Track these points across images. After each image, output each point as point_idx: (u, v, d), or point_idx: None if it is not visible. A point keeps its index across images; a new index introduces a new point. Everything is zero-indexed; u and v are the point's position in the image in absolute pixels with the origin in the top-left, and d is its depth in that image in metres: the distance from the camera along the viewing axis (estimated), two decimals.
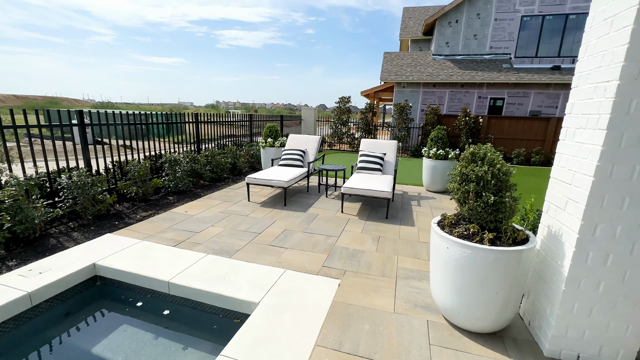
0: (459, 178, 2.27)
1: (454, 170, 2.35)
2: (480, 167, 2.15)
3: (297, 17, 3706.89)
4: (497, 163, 2.13)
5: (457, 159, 6.07)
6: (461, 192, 2.23)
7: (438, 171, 6.08)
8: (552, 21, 13.75)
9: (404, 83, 14.47)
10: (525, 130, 12.21)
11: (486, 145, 2.29)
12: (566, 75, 12.91)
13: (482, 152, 2.23)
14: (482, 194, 2.10)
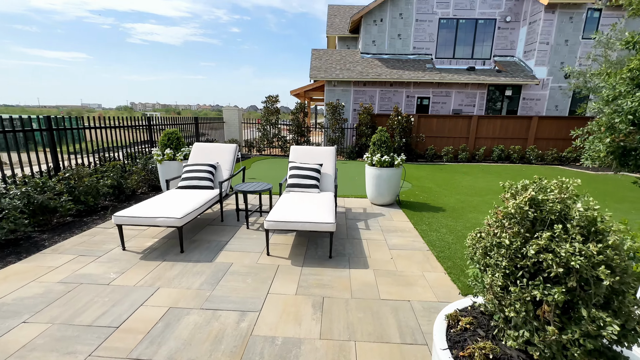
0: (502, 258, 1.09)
1: (473, 240, 1.16)
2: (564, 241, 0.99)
3: (221, 14, 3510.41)
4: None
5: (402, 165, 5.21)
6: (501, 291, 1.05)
7: (384, 181, 5.12)
8: (465, 25, 14.53)
9: (334, 81, 13.68)
10: (451, 128, 12.50)
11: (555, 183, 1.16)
12: (480, 75, 13.71)
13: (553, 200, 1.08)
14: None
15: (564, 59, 13.61)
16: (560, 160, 11.98)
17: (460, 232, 4.11)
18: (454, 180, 8.00)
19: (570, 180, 1.23)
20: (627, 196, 6.56)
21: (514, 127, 12.38)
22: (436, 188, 7.01)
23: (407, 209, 5.19)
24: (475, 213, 5.07)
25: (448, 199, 5.97)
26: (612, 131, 3.14)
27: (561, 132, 12.27)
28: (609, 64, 10.27)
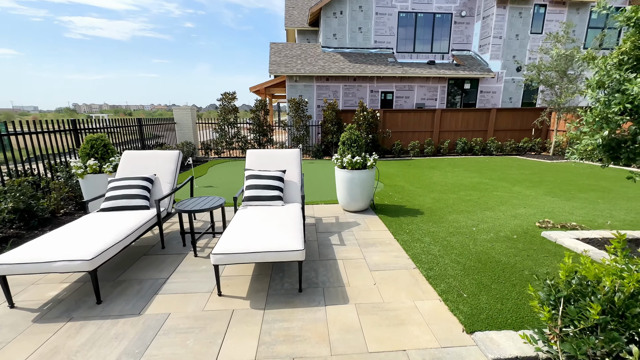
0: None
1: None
2: None
3: (172, 7, 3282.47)
4: None
5: None
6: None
7: (357, 185, 4.55)
8: (424, 19, 14.53)
9: (295, 77, 12.94)
10: (416, 123, 12.40)
11: None
12: (440, 69, 13.79)
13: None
14: None
15: (515, 53, 14.14)
16: (518, 150, 12.41)
17: (445, 241, 3.67)
18: (425, 177, 7.73)
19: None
20: (590, 184, 6.71)
21: (475, 119, 12.59)
22: (409, 186, 6.63)
23: (384, 214, 4.68)
24: (455, 214, 4.70)
25: (423, 199, 5.59)
26: (606, 123, 2.82)
27: (516, 123, 12.72)
28: (557, 56, 10.70)
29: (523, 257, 3.23)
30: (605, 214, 4.69)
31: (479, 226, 4.18)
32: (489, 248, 3.46)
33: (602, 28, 14.45)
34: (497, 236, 3.83)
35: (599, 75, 2.95)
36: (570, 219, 4.48)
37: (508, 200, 5.49)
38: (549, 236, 3.75)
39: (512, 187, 6.58)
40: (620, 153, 3.02)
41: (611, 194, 5.97)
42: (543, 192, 6.06)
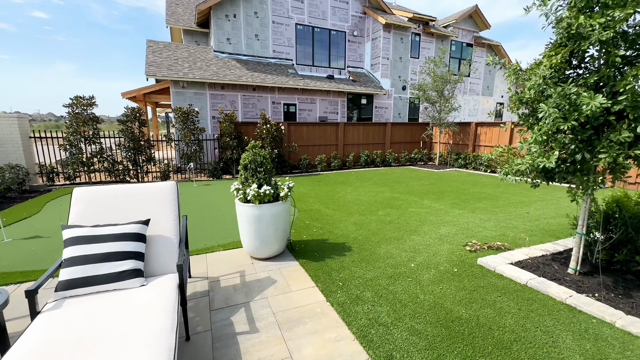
0: None
1: None
2: None
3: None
4: None
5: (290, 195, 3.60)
6: None
7: (268, 224, 3.35)
8: (320, 33, 14.61)
9: (182, 82, 10.85)
10: (321, 136, 12.05)
11: None
12: (340, 84, 14.01)
13: None
14: None
15: (400, 73, 15.65)
16: (411, 161, 13.51)
17: (389, 293, 2.84)
18: (338, 195, 7.11)
19: None
20: (479, 192, 7.32)
21: (374, 133, 13.12)
22: (325, 210, 5.81)
23: (305, 257, 3.61)
24: (384, 244, 4.02)
25: (345, 225, 4.81)
26: (554, 142, 2.49)
27: (407, 136, 13.90)
28: (435, 77, 12.14)
29: (479, 304, 2.65)
30: (510, 226, 4.84)
31: (415, 259, 3.57)
32: (440, 295, 2.79)
33: (458, 58, 17.52)
34: (439, 272, 3.25)
35: (534, 90, 2.65)
36: (488, 235, 4.39)
37: (426, 218, 5.24)
38: (486, 264, 3.39)
39: (421, 200, 6.55)
40: (555, 173, 2.79)
41: (499, 201, 6.53)
42: (450, 205, 6.16)
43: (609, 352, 2.08)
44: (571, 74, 2.75)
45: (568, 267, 3.24)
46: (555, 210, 5.76)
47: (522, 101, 2.91)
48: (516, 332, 2.29)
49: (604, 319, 2.42)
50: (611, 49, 2.35)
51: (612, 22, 2.27)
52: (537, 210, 5.78)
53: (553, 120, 2.39)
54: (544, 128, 2.47)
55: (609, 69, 2.46)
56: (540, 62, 2.81)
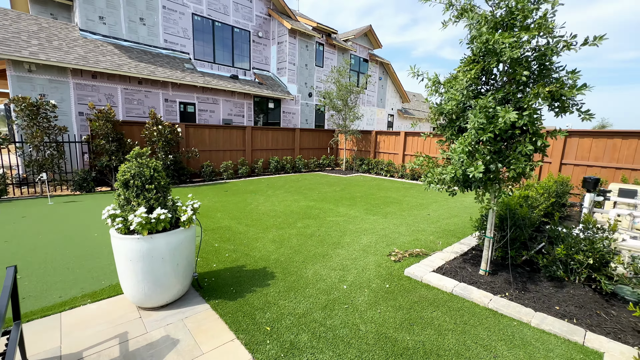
0: None
1: None
2: None
3: None
4: None
5: (196, 219, 2.78)
6: None
7: (162, 259, 2.46)
8: (222, 29, 13.43)
9: (29, 63, 8.07)
10: (227, 140, 10.96)
11: None
12: (245, 85, 13.15)
13: None
14: None
15: (306, 80, 15.83)
16: (320, 167, 13.73)
17: (328, 330, 2.40)
18: (250, 206, 6.39)
19: None
20: (385, 197, 7.78)
21: (283, 138, 12.78)
22: (237, 225, 5.03)
23: (218, 297, 2.85)
24: (310, 264, 3.60)
25: (263, 244, 4.19)
26: (476, 152, 2.54)
27: (316, 142, 14.11)
28: (341, 86, 12.68)
29: (420, 325, 2.50)
30: (419, 229, 5.14)
31: (346, 279, 3.27)
32: (381, 322, 2.52)
33: (357, 72, 18.98)
34: (373, 291, 3.02)
35: (455, 101, 2.68)
36: (405, 241, 4.50)
37: (345, 227, 5.10)
38: (413, 275, 3.36)
39: (337, 208, 6.48)
40: (472, 182, 2.90)
41: (403, 204, 7.04)
42: (364, 211, 6.26)
43: (539, 357, 2.16)
44: (481, 89, 2.93)
45: (479, 268, 3.49)
46: (448, 211, 6.52)
47: (442, 112, 2.95)
48: (461, 353, 2.18)
49: (522, 320, 2.58)
50: (517, 68, 2.55)
51: (518, 42, 2.44)
52: (435, 212, 6.42)
53: (476, 131, 2.42)
54: (469, 139, 2.50)
55: (513, 87, 2.68)
56: (455, 77, 2.90)
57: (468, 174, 2.75)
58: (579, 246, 3.14)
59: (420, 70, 2.95)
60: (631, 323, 2.58)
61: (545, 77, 2.63)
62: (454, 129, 2.98)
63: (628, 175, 7.10)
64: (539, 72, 2.62)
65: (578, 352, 2.21)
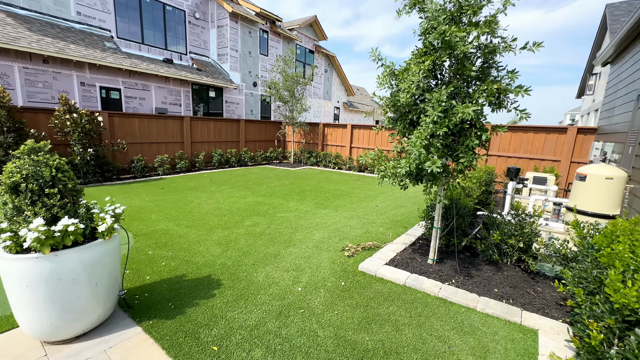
0: None
1: None
2: None
3: None
4: None
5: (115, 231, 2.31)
6: None
7: (73, 281, 1.98)
8: (152, 5, 11.93)
9: None
10: (161, 132, 9.85)
11: None
12: (182, 71, 11.96)
13: None
14: None
15: (250, 69, 15.05)
16: (267, 160, 13.27)
17: (286, 342, 2.20)
18: (191, 205, 5.81)
19: None
20: (335, 189, 7.80)
21: (227, 130, 12.00)
22: (175, 228, 4.50)
23: (153, 316, 2.43)
24: (261, 267, 3.35)
25: (207, 248, 3.78)
26: (430, 146, 2.55)
27: (262, 134, 13.57)
28: (287, 76, 12.30)
29: (377, 323, 2.45)
30: (369, 221, 5.22)
31: (301, 279, 3.10)
32: (339, 324, 2.42)
33: (303, 62, 18.70)
34: (328, 291, 2.90)
35: (410, 93, 2.65)
36: (357, 235, 4.51)
37: (297, 223, 4.93)
38: (367, 269, 3.34)
39: (287, 203, 6.26)
40: (423, 176, 2.95)
41: (353, 197, 7.13)
42: (314, 205, 6.16)
43: (487, 342, 2.27)
44: (431, 83, 2.96)
45: (427, 257, 3.62)
46: (394, 202, 6.77)
47: (395, 105, 2.91)
48: (418, 347, 2.18)
49: (469, 306, 2.72)
50: (466, 64, 2.60)
51: (468, 38, 2.49)
52: (382, 203, 6.62)
53: (433, 124, 2.42)
54: (425, 132, 2.49)
55: (461, 82, 2.74)
56: (407, 69, 2.87)
57: (422, 168, 2.77)
58: (511, 231, 3.43)
59: (381, 54, 2.86)
60: (554, 298, 2.90)
61: (487, 75, 2.74)
62: (406, 122, 2.97)
63: (538, 165, 8.21)
64: (482, 70, 2.72)
65: (518, 332, 2.39)
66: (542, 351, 2.16)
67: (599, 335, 1.64)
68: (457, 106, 2.43)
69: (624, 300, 1.57)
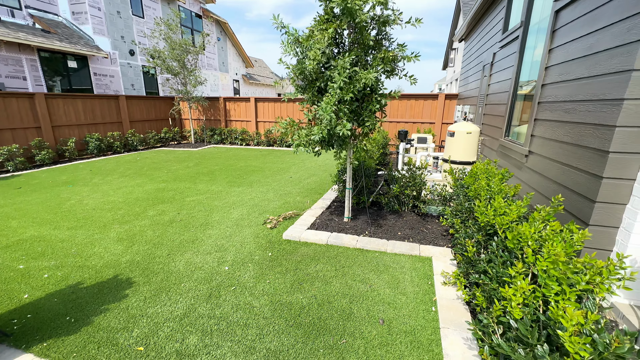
0: None
1: None
2: None
3: None
4: None
5: None
6: None
7: None
8: None
9: None
10: (1, 115, 7.45)
11: None
12: (19, 32, 9.05)
13: None
14: None
15: (123, 33, 12.52)
16: (162, 142, 11.74)
17: (223, 321, 2.13)
18: (68, 203, 4.76)
19: None
20: (245, 166, 7.56)
21: (103, 109, 9.94)
22: (53, 232, 3.64)
23: (45, 337, 1.98)
24: (180, 255, 3.08)
25: (104, 247, 3.22)
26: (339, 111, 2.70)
27: (151, 112, 11.77)
28: (174, 44, 10.75)
29: (307, 281, 2.63)
30: (286, 192, 5.33)
31: (226, 259, 3.00)
32: (272, 291, 2.48)
33: (190, 28, 16.58)
34: (256, 264, 2.92)
35: (317, 61, 2.71)
36: (276, 206, 4.57)
37: (211, 205, 4.65)
38: (292, 236, 3.47)
39: (195, 186, 5.79)
40: (334, 141, 3.14)
41: (266, 171, 7.08)
42: (227, 184, 5.89)
43: (397, 275, 2.72)
44: (333, 50, 3.08)
45: (343, 216, 3.98)
46: (307, 172, 7.05)
47: (302, 72, 2.94)
48: (346, 292, 2.46)
49: (381, 250, 3.17)
50: (364, 33, 2.79)
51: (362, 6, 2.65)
52: (296, 174, 6.80)
53: (340, 90, 2.57)
54: (334, 98, 2.62)
55: (361, 50, 2.95)
56: (310, 35, 2.90)
57: (332, 134, 2.94)
58: (407, 183, 4.06)
59: (283, 22, 2.78)
60: (440, 231, 3.65)
61: (381, 46, 3.02)
62: (314, 90, 3.05)
63: (420, 127, 9.73)
64: (376, 40, 2.97)
65: (418, 262, 2.94)
66: (435, 271, 2.74)
67: (473, 249, 2.18)
68: (360, 72, 2.64)
69: (486, 219, 2.12)
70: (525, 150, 3.26)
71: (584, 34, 2.49)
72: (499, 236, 2.00)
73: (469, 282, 2.28)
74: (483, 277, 1.87)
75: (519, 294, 1.38)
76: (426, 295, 2.42)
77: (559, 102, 2.75)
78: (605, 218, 2.13)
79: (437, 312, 2.20)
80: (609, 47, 2.18)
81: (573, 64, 2.60)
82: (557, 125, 2.72)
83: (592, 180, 2.18)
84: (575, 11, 2.66)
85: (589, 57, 2.41)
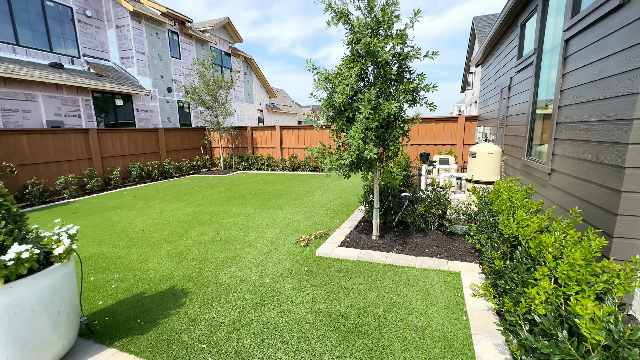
0: None
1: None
2: None
3: None
4: None
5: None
6: None
7: (32, 312, 1.79)
8: (27, 1, 10.03)
9: None
10: (61, 149, 8.45)
11: None
12: (77, 77, 10.40)
13: None
14: None
15: (162, 73, 13.93)
16: (194, 169, 12.56)
17: (271, 325, 2.39)
18: (120, 225, 5.29)
19: None
20: (274, 190, 7.99)
21: (144, 140, 10.94)
22: (112, 250, 4.11)
23: (123, 336, 2.32)
24: (224, 269, 3.40)
25: (157, 263, 3.62)
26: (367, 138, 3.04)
27: (185, 142, 12.75)
28: (208, 80, 11.83)
29: (343, 293, 2.84)
30: (314, 214, 5.62)
31: (266, 273, 3.28)
32: (312, 301, 2.72)
33: (220, 66, 18.08)
34: (294, 278, 3.17)
35: (345, 94, 3.10)
36: (306, 226, 4.85)
37: (245, 226, 5.01)
38: (324, 253, 3.72)
39: (229, 209, 6.23)
40: (362, 165, 3.45)
41: (293, 195, 7.45)
42: (258, 207, 6.28)
43: (427, 287, 2.88)
44: (360, 85, 3.48)
45: (371, 235, 4.19)
46: (332, 194, 7.35)
47: (332, 105, 3.34)
48: (380, 303, 2.65)
49: (410, 265, 3.33)
50: (387, 68, 3.18)
51: (386, 47, 3.05)
52: (322, 196, 7.11)
53: (366, 119, 2.92)
54: (361, 126, 2.97)
55: (384, 83, 3.33)
56: (339, 73, 3.32)
57: (361, 157, 3.26)
58: (432, 203, 4.25)
59: (314, 64, 3.23)
60: (467, 248, 3.76)
61: (402, 78, 3.38)
62: (343, 119, 3.43)
63: (441, 149, 9.88)
64: (398, 73, 3.35)
65: (447, 276, 3.08)
66: (465, 284, 2.87)
67: (500, 262, 2.34)
68: (384, 103, 2.99)
69: (510, 231, 2.29)
70: (547, 168, 3.41)
71: (593, 61, 2.73)
72: (522, 246, 2.16)
73: (497, 292, 2.41)
74: (509, 282, 2.03)
75: (542, 292, 1.56)
76: (457, 306, 2.56)
77: (575, 122, 2.94)
78: (628, 230, 2.25)
79: (469, 321, 2.34)
80: (616, 73, 2.41)
81: (585, 87, 2.82)
82: (576, 144, 2.89)
83: (613, 195, 2.32)
84: (582, 40, 2.92)
85: (599, 81, 2.63)
